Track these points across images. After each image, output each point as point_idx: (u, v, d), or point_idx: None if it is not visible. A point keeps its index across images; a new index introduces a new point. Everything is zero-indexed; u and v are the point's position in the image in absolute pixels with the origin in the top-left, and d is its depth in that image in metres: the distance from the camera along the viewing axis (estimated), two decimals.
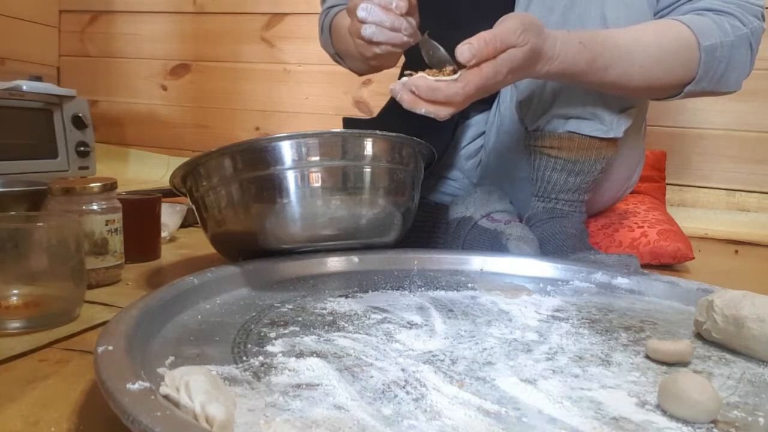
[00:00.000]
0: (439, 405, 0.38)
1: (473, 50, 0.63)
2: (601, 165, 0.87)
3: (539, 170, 0.89)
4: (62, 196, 0.68)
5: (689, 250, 0.97)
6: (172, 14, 1.92)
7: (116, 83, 1.99)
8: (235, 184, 0.66)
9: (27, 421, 0.39)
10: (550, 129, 0.86)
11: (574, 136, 0.85)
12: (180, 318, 0.53)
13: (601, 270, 0.72)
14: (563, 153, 0.86)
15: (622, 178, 1.00)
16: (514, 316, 0.58)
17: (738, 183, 1.51)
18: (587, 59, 0.73)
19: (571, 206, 0.89)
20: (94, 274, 0.69)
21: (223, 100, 1.90)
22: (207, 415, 0.32)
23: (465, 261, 0.76)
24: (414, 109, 0.65)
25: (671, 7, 0.82)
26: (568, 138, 0.85)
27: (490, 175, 1.00)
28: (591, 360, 0.47)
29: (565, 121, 0.85)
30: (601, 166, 0.88)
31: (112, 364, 0.37)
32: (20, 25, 1.83)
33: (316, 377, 0.42)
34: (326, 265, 0.71)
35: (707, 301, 0.53)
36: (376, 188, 0.69)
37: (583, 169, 0.87)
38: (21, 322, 0.55)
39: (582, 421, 0.37)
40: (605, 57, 0.74)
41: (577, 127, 0.84)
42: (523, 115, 0.88)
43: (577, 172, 0.87)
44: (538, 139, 0.88)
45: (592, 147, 0.86)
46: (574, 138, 0.85)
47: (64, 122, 1.51)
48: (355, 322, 0.54)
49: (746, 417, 0.39)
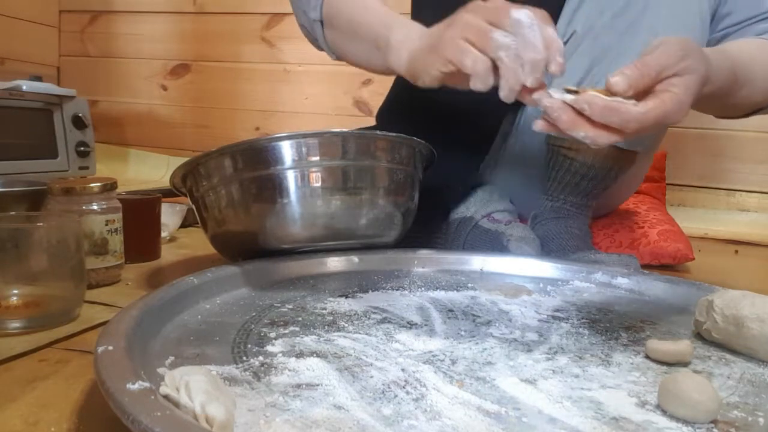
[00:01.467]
0: (439, 405, 0.38)
1: (630, 80, 0.53)
2: (616, 174, 0.88)
3: (554, 170, 0.89)
4: (62, 196, 0.68)
5: (689, 250, 0.97)
6: (172, 14, 1.92)
7: (116, 83, 1.99)
8: (235, 184, 0.66)
9: (27, 421, 0.39)
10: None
11: None
12: (180, 318, 0.53)
13: (601, 270, 0.72)
14: (581, 156, 0.86)
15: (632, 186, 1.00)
16: (514, 316, 0.58)
17: (738, 183, 1.52)
18: (732, 80, 0.69)
19: (578, 209, 0.89)
20: (94, 274, 0.69)
21: (223, 100, 1.90)
22: (207, 415, 0.32)
23: (465, 261, 0.76)
24: (570, 131, 0.54)
25: (740, 25, 0.81)
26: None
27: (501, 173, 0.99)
28: (591, 360, 0.47)
29: None
30: (616, 175, 0.88)
31: (112, 364, 0.37)
32: (20, 25, 1.83)
33: (316, 377, 0.42)
34: (326, 265, 0.71)
35: (707, 301, 0.53)
36: (376, 188, 0.69)
37: (597, 175, 0.87)
38: (21, 322, 0.55)
39: (582, 421, 0.37)
40: (740, 76, 0.71)
41: None
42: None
43: (591, 177, 0.87)
44: (558, 139, 0.87)
45: (611, 156, 0.85)
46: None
47: (64, 122, 1.50)
48: (355, 322, 0.54)
49: (746, 417, 0.39)
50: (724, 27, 0.82)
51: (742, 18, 0.81)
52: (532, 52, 0.53)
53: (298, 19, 0.88)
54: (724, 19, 0.82)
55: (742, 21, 0.81)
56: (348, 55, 0.84)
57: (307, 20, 0.85)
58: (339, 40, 0.83)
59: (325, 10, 0.82)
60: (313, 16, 0.83)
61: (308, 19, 0.84)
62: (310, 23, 0.85)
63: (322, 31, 0.84)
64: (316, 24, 0.84)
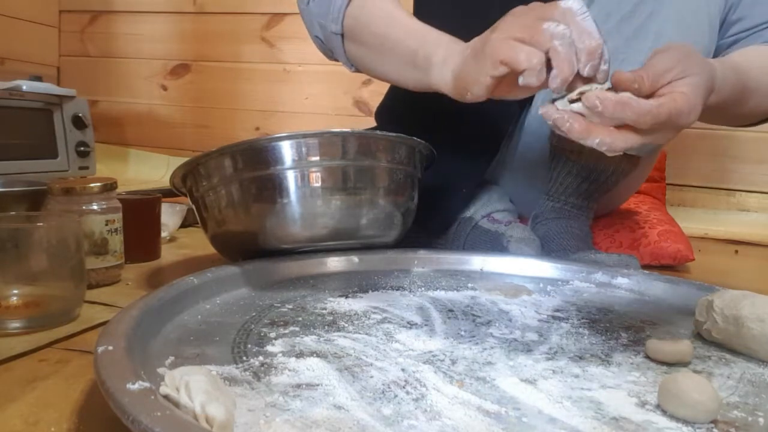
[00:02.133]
0: (439, 405, 0.38)
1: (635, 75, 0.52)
2: (618, 178, 0.88)
3: (555, 170, 0.89)
4: (62, 196, 0.68)
5: (689, 251, 0.97)
6: (172, 14, 1.92)
7: (116, 83, 1.99)
8: (235, 184, 0.66)
9: (27, 421, 0.39)
10: None
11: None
12: (180, 318, 0.53)
13: (601, 270, 0.72)
14: (583, 159, 0.86)
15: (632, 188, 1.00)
16: (514, 316, 0.58)
17: (738, 183, 1.52)
18: (740, 90, 0.67)
19: (579, 210, 0.89)
20: (94, 274, 0.69)
21: (223, 100, 1.90)
22: (207, 415, 0.32)
23: (465, 261, 0.76)
24: (584, 140, 0.52)
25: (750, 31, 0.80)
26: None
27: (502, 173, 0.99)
28: (591, 360, 0.47)
29: None
30: (617, 180, 0.88)
31: (112, 364, 0.37)
32: (20, 25, 1.83)
33: (316, 377, 0.42)
34: (326, 265, 0.71)
35: (707, 301, 0.53)
36: (376, 188, 0.69)
37: (598, 178, 0.87)
38: (21, 322, 0.55)
39: (582, 421, 0.37)
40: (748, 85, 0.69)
41: None
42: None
43: (592, 179, 0.87)
44: (561, 141, 0.87)
45: (613, 159, 0.85)
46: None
47: (64, 122, 1.50)
48: (355, 322, 0.54)
49: (746, 417, 0.39)
50: (735, 33, 0.81)
51: (753, 24, 0.80)
52: (588, 39, 0.51)
53: (311, 31, 0.84)
54: (734, 24, 0.81)
55: (753, 27, 0.80)
56: (374, 70, 0.80)
57: (323, 33, 0.81)
58: (363, 55, 0.78)
59: (346, 23, 0.77)
60: (334, 29, 0.78)
61: (326, 32, 0.80)
62: (328, 36, 0.80)
63: (342, 45, 0.79)
64: (335, 37, 0.79)
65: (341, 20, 0.77)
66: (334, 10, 0.77)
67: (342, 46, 0.80)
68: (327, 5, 0.78)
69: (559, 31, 0.52)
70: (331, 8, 0.78)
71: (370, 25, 0.76)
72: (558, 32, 0.52)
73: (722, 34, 0.82)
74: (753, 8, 0.81)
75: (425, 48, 0.67)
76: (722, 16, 0.81)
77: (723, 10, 0.80)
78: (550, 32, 0.52)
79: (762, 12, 0.80)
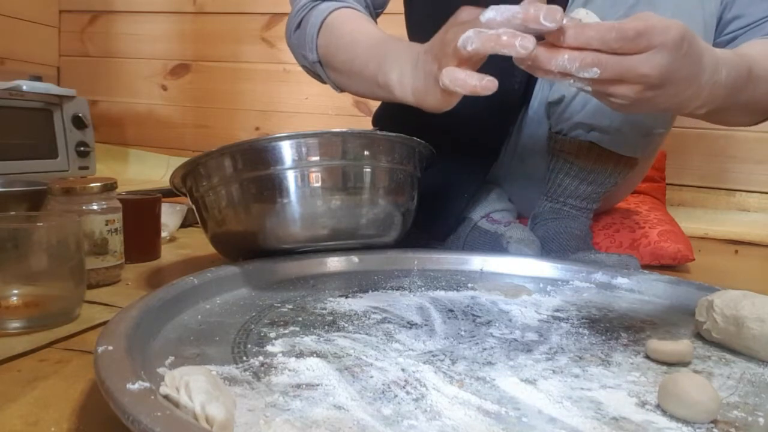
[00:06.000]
0: (439, 405, 0.38)
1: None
2: (616, 180, 0.88)
3: (553, 172, 0.89)
4: (62, 196, 0.68)
5: (690, 251, 0.97)
6: (172, 14, 1.92)
7: (116, 83, 1.99)
8: (235, 184, 0.66)
9: (27, 421, 0.39)
10: (573, 135, 0.86)
11: (594, 146, 0.85)
12: (180, 318, 0.53)
13: (601, 270, 0.72)
14: (580, 161, 0.86)
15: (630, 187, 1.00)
16: (514, 316, 0.58)
17: (738, 183, 1.52)
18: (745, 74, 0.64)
19: (579, 210, 0.90)
20: (94, 274, 0.69)
21: (223, 100, 1.90)
22: (207, 415, 0.32)
23: (465, 261, 0.76)
24: (553, 64, 0.49)
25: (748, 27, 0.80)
26: (588, 147, 0.85)
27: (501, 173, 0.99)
28: (591, 360, 0.47)
29: (589, 130, 0.84)
30: (615, 181, 0.88)
31: (112, 364, 0.37)
32: (20, 25, 1.83)
33: (316, 377, 0.42)
34: (326, 265, 0.71)
35: (707, 301, 0.53)
36: (376, 188, 0.69)
37: (596, 180, 0.87)
38: (21, 322, 0.55)
39: (582, 421, 0.37)
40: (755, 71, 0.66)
41: (599, 138, 0.84)
42: (550, 114, 0.88)
43: (590, 181, 0.87)
44: (559, 143, 0.87)
45: (610, 161, 0.86)
46: (594, 148, 0.85)
47: (64, 122, 1.50)
48: (355, 322, 0.54)
49: (746, 417, 0.39)
50: (732, 30, 0.81)
51: (751, 20, 0.80)
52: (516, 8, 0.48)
53: (298, 62, 0.87)
54: (731, 23, 0.81)
55: (751, 23, 0.80)
56: (354, 92, 0.84)
57: (307, 62, 0.84)
58: (339, 79, 0.82)
59: (320, 51, 0.81)
60: (312, 59, 0.82)
61: (307, 61, 0.84)
62: (311, 64, 0.84)
63: (323, 70, 0.83)
64: (316, 65, 0.83)
65: (315, 49, 0.81)
66: (308, 40, 0.81)
67: (324, 72, 0.84)
68: (303, 36, 0.82)
69: (494, 8, 0.49)
70: (306, 38, 0.82)
71: (338, 53, 0.79)
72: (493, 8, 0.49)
73: (719, 33, 0.82)
74: (749, 6, 0.81)
75: (382, 70, 0.68)
76: (718, 15, 0.81)
77: (718, 9, 0.81)
78: (488, 12, 0.50)
79: (759, 9, 0.80)
